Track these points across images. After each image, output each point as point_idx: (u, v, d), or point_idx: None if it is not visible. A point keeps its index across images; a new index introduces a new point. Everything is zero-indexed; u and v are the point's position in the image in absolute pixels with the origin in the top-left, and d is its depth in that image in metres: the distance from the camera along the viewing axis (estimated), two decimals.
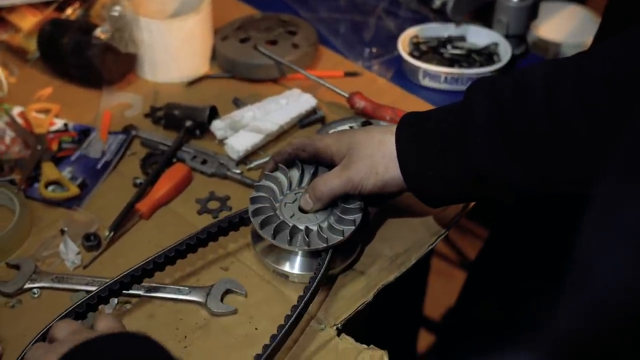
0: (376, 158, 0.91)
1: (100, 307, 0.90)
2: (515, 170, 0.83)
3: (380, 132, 0.93)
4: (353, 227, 0.92)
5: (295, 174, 0.98)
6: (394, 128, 0.92)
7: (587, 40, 1.39)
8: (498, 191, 0.88)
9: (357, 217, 0.93)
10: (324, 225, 0.93)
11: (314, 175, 0.97)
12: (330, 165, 0.96)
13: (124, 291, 0.90)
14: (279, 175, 0.97)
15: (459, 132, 0.86)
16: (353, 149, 0.92)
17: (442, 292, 2.04)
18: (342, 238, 0.91)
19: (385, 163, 0.91)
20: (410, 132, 0.90)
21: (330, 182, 0.92)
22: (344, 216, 0.93)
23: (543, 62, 0.85)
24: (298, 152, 0.97)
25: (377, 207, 0.99)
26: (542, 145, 0.81)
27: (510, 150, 0.83)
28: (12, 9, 1.32)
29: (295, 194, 0.96)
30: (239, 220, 0.96)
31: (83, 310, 0.87)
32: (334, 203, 0.94)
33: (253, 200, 0.95)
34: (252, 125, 1.14)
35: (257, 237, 0.97)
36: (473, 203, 1.04)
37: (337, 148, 0.94)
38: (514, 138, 0.82)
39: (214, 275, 0.96)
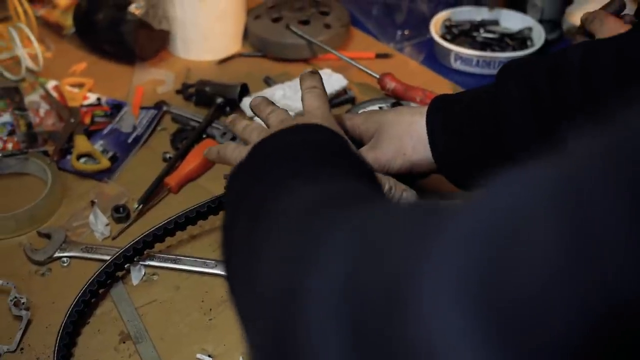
0: (404, 139, 0.90)
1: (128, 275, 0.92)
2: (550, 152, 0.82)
3: (409, 113, 0.92)
4: None
5: None
6: (424, 109, 0.91)
7: None
8: None
9: None
10: None
11: None
12: (358, 144, 0.95)
13: (146, 258, 0.92)
14: None
15: (491, 115, 0.85)
16: (381, 129, 0.92)
17: None
18: None
19: (413, 144, 0.90)
20: (442, 114, 0.89)
21: None
22: None
23: (582, 43, 0.84)
24: None
25: None
26: (578, 128, 0.80)
27: (543, 133, 0.82)
28: None
29: None
30: None
31: (104, 279, 0.90)
32: None
33: None
34: (282, 103, 1.15)
35: None
36: None
37: (365, 128, 0.94)
38: (547, 120, 0.81)
39: None
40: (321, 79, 0.89)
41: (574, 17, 1.45)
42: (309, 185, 0.61)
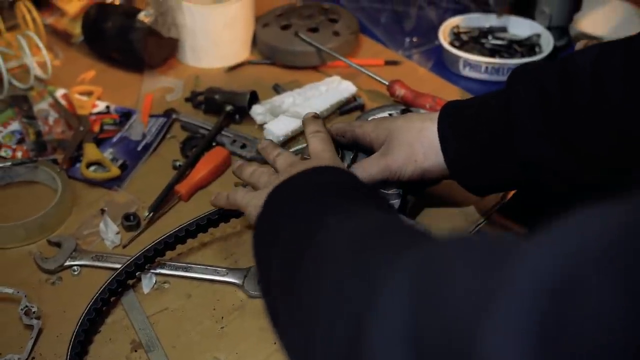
0: (415, 146, 0.90)
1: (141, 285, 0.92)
2: (559, 156, 0.82)
3: (420, 119, 0.92)
4: None
5: None
6: (434, 115, 0.91)
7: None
8: (545, 178, 0.86)
9: (395, 203, 0.92)
10: None
11: (353, 160, 0.97)
12: (369, 151, 0.95)
13: (157, 266, 0.92)
14: None
15: (502, 120, 0.85)
16: (392, 136, 0.92)
17: None
18: None
19: (424, 151, 0.90)
20: (453, 119, 0.89)
21: (369, 168, 0.91)
22: None
23: (591, 46, 0.84)
24: (338, 138, 0.97)
25: (416, 194, 0.99)
26: (588, 131, 0.80)
27: (553, 136, 0.82)
28: None
29: None
30: None
31: (115, 287, 0.90)
32: None
33: None
34: (291, 110, 1.15)
35: None
36: (512, 192, 1.03)
37: (376, 135, 0.94)
38: (558, 124, 0.81)
39: (251, 258, 0.96)
40: (323, 122, 0.93)
41: (582, 24, 1.45)
42: (343, 221, 0.61)
